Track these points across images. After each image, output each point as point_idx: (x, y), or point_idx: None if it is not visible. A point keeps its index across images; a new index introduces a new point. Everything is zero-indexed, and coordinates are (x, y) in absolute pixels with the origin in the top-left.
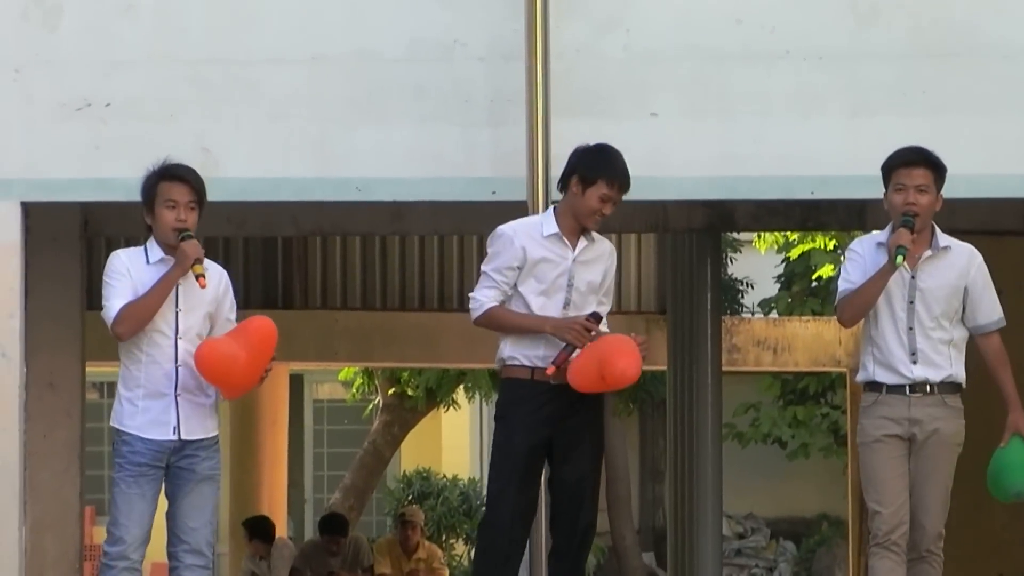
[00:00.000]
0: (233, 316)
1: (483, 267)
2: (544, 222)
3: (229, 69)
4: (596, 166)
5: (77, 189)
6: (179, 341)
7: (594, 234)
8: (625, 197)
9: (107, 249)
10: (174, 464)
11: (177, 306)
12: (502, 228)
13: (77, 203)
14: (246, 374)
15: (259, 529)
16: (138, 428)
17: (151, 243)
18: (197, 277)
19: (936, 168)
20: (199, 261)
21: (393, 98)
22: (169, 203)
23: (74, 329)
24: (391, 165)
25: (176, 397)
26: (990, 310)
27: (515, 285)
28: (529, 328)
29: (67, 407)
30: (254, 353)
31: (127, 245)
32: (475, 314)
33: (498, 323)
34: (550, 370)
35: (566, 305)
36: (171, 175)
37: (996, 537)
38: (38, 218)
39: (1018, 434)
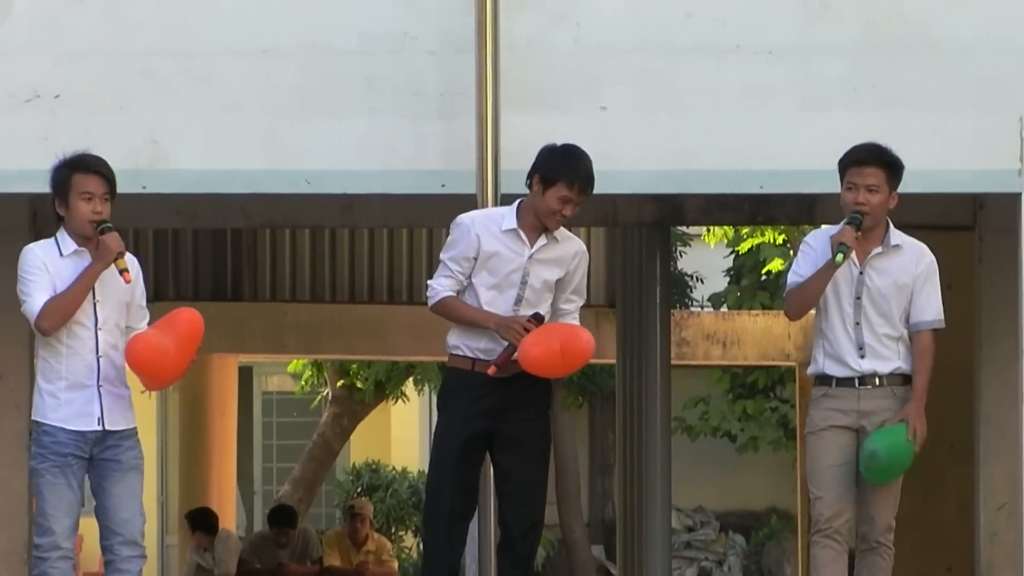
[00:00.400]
0: (144, 302)
1: (442, 255)
2: (505, 216)
3: (180, 61)
4: (557, 167)
5: (26, 180)
6: (99, 332)
7: (560, 233)
8: None
9: None
10: (98, 456)
11: (95, 297)
12: (462, 217)
13: (26, 194)
14: (175, 367)
15: (201, 521)
16: (62, 420)
17: (62, 235)
18: (121, 272)
19: (889, 167)
20: (121, 255)
21: (344, 91)
22: (85, 195)
23: (23, 320)
24: (342, 158)
25: (99, 388)
26: (930, 309)
27: (470, 276)
28: (475, 322)
29: (15, 398)
30: (183, 346)
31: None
32: (430, 302)
33: (449, 313)
34: (491, 369)
35: (518, 302)
36: (86, 166)
37: (945, 532)
38: None
39: (904, 421)
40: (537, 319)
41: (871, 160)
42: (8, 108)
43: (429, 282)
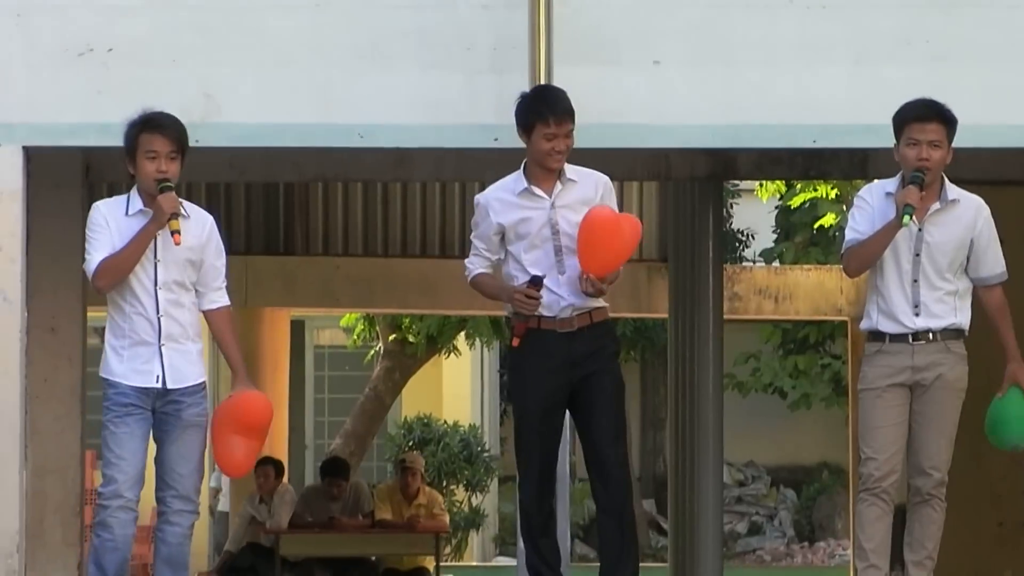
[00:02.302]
0: (220, 263)
1: (471, 235)
2: (516, 180)
3: (231, 14)
4: (527, 112)
5: (79, 134)
6: (159, 291)
7: (576, 173)
8: (627, 145)
9: (108, 193)
10: (159, 410)
11: (156, 256)
12: (478, 197)
13: (79, 148)
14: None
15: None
16: (122, 375)
17: (133, 193)
18: (172, 233)
19: (948, 123)
20: (175, 216)
21: (396, 44)
22: (150, 154)
23: (75, 274)
24: (394, 111)
25: (160, 347)
26: (994, 263)
27: (506, 248)
28: (496, 297)
29: (68, 351)
30: (258, 439)
31: (129, 190)
32: (467, 280)
33: (480, 290)
34: (514, 342)
35: (558, 252)
36: (152, 125)
37: (995, 487)
38: (40, 163)
39: (1016, 385)
40: (535, 282)
41: (932, 116)
42: (61, 62)
43: (465, 260)
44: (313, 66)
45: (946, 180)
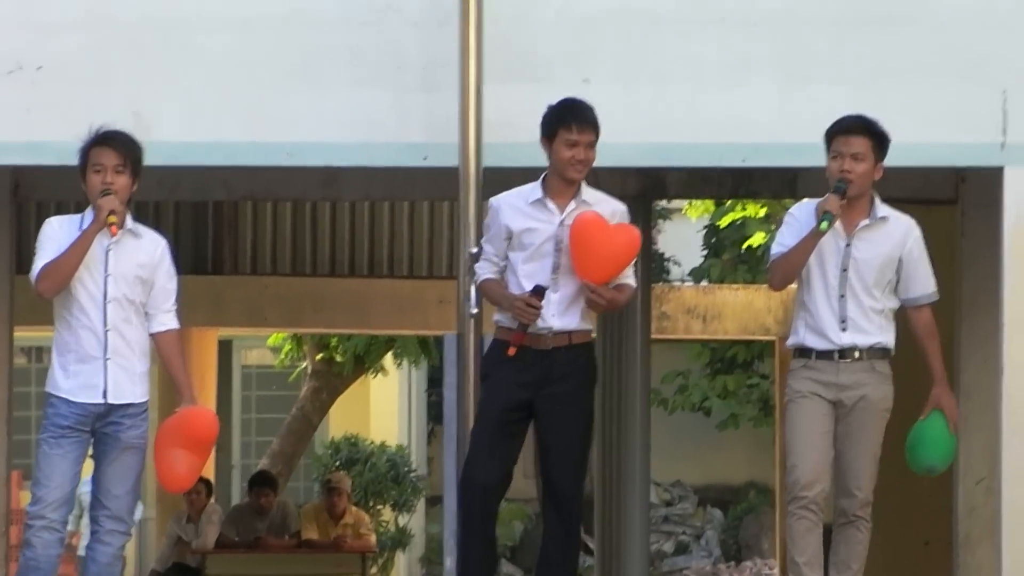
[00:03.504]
0: (172, 286)
1: (482, 239)
2: (532, 189)
3: (161, 33)
4: (551, 119)
5: (8, 152)
6: (108, 305)
7: (593, 196)
8: None
9: (37, 213)
10: (99, 429)
11: (107, 271)
12: (492, 200)
13: (7, 167)
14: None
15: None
16: (67, 391)
17: (88, 211)
18: (109, 225)
19: (875, 137)
20: (113, 212)
21: (326, 62)
22: (96, 167)
23: (2, 293)
24: (323, 130)
25: (106, 361)
26: (924, 283)
27: (509, 254)
28: (498, 303)
29: None
30: (202, 454)
31: (58, 209)
32: (475, 283)
33: (485, 295)
34: (511, 350)
35: (555, 270)
36: (99, 140)
37: (922, 504)
38: None
39: (939, 409)
40: (537, 292)
41: (857, 129)
42: None
43: (475, 264)
44: (242, 84)
45: (876, 198)
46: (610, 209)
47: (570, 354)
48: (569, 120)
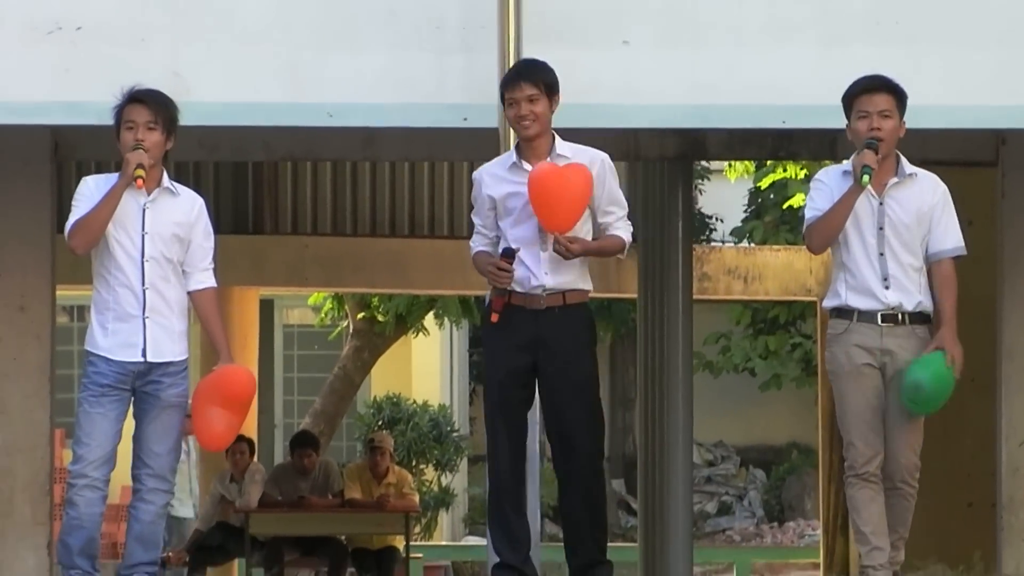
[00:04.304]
0: (208, 244)
1: (471, 213)
2: (509, 154)
3: None
4: (500, 86)
5: (47, 112)
6: (145, 264)
7: (569, 149)
8: (596, 125)
9: (77, 172)
10: (139, 388)
11: (144, 229)
12: (474, 173)
13: (47, 126)
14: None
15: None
16: (106, 350)
17: None
18: (135, 179)
19: (897, 94)
20: (141, 167)
21: (365, 23)
22: (128, 124)
23: (44, 252)
24: (363, 90)
25: (144, 319)
26: (949, 238)
27: (498, 223)
28: (481, 274)
29: (37, 330)
30: (240, 413)
31: (97, 168)
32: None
33: (475, 267)
34: (493, 317)
35: (543, 229)
36: (132, 98)
37: (965, 467)
38: (8, 141)
39: (940, 349)
40: (507, 254)
41: (881, 87)
42: (30, 40)
43: (470, 241)
44: (282, 45)
45: (901, 156)
46: (587, 159)
47: (565, 313)
48: (504, 83)
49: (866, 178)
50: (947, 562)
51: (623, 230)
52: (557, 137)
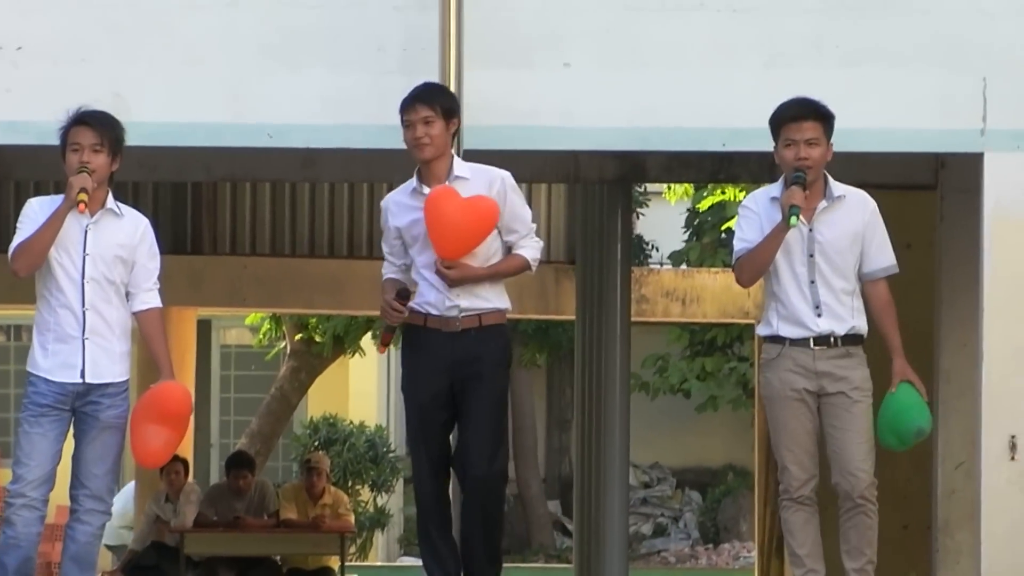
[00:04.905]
0: (153, 265)
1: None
2: (411, 181)
3: (141, 13)
4: (399, 108)
5: None
6: (86, 285)
7: (468, 170)
8: (536, 147)
9: (16, 192)
10: (79, 409)
11: (85, 251)
12: (382, 202)
13: None
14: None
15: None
16: (46, 370)
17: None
18: (78, 203)
19: (824, 118)
20: (84, 191)
21: (306, 44)
22: (74, 146)
23: None
24: (303, 112)
25: (84, 340)
26: (882, 257)
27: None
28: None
29: None
30: (179, 429)
31: (38, 189)
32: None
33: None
34: (380, 348)
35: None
36: (77, 120)
37: (901, 489)
38: None
39: (905, 380)
40: (402, 297)
41: (808, 114)
42: None
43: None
44: (223, 65)
45: (829, 178)
46: (487, 180)
47: (481, 335)
48: (402, 105)
49: (793, 219)
50: None
51: (528, 248)
52: (456, 158)
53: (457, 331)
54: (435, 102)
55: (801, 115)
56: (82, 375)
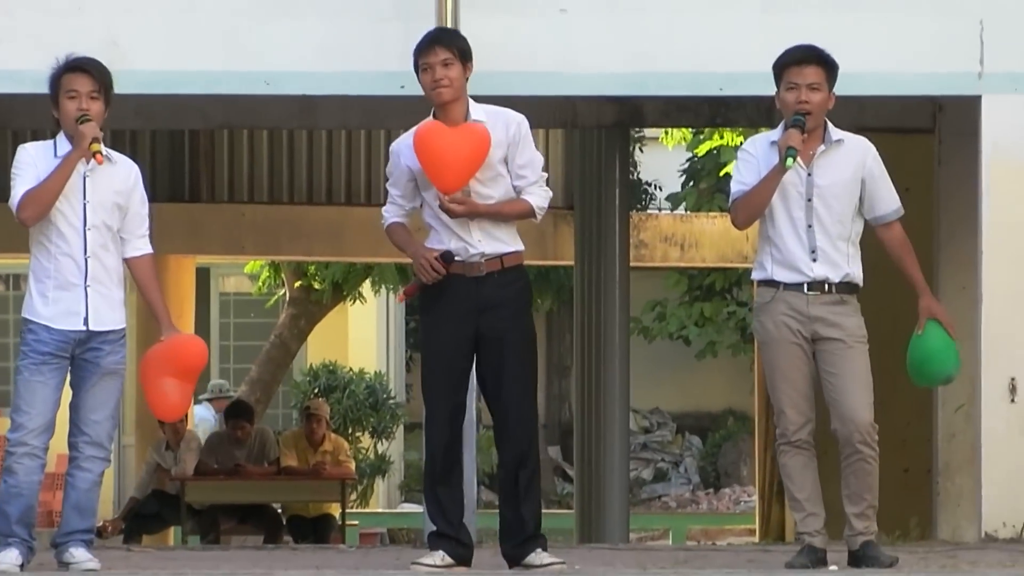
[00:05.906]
0: (144, 211)
1: (386, 183)
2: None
3: None
4: (414, 52)
5: None
6: (88, 233)
7: (484, 112)
8: (534, 92)
9: (13, 141)
10: (79, 356)
11: (85, 198)
12: (392, 146)
13: None
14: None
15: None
16: (47, 318)
17: (60, 137)
18: (94, 154)
19: (828, 65)
20: (96, 140)
21: None
22: (70, 93)
23: None
24: (300, 59)
25: (86, 288)
26: (889, 199)
27: (421, 193)
28: (404, 250)
29: None
30: (189, 381)
31: (34, 137)
32: (384, 227)
33: (391, 239)
34: (400, 297)
35: (467, 194)
36: (73, 66)
37: (901, 434)
38: None
39: (933, 318)
40: (447, 258)
41: (811, 59)
42: None
43: (382, 208)
44: (219, 13)
45: (829, 123)
46: (503, 122)
47: (504, 278)
48: (418, 48)
49: (790, 160)
50: (883, 528)
51: (535, 195)
52: (472, 102)
53: (482, 275)
54: (453, 44)
55: (805, 59)
56: (85, 323)
